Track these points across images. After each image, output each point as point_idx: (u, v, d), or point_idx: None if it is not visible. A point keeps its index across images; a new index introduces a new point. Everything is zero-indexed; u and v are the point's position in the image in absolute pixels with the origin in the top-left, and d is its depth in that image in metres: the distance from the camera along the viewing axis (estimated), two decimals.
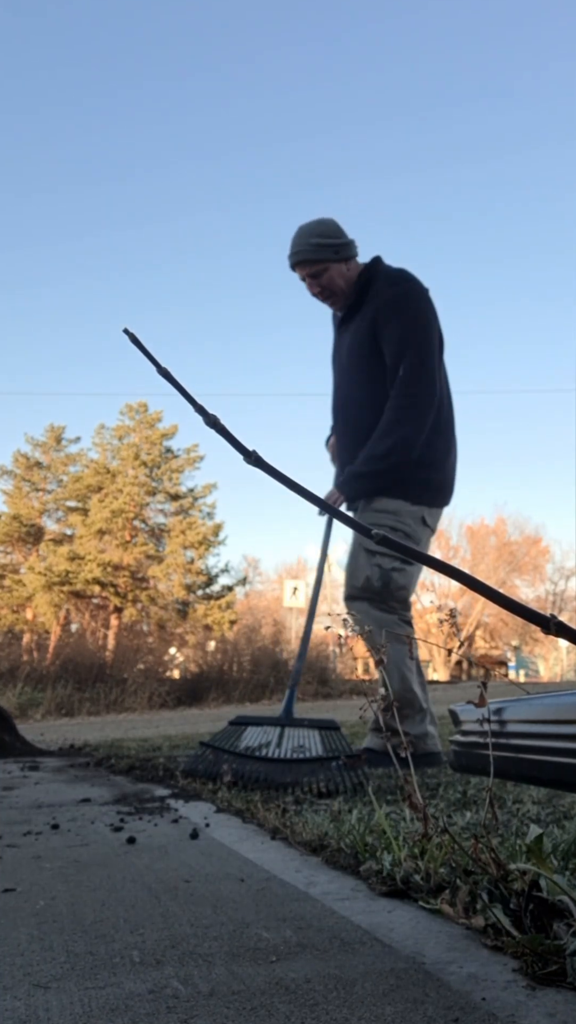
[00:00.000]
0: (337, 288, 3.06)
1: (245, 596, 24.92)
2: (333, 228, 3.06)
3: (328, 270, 3.03)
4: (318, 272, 3.04)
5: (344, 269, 3.05)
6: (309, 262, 3.03)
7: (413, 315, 2.94)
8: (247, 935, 0.98)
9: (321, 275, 3.04)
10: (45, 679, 12.68)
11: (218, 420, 0.81)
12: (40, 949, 0.95)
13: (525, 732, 0.89)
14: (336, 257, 3.02)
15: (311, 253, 3.01)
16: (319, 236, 3.03)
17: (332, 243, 3.02)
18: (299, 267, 3.07)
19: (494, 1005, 0.74)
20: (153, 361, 0.85)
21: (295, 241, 3.06)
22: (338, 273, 3.04)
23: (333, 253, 3.02)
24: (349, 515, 0.83)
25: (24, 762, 3.64)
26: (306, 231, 3.05)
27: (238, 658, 15.04)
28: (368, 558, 2.88)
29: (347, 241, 3.05)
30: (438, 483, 2.99)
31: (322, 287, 3.06)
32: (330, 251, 3.02)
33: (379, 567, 2.86)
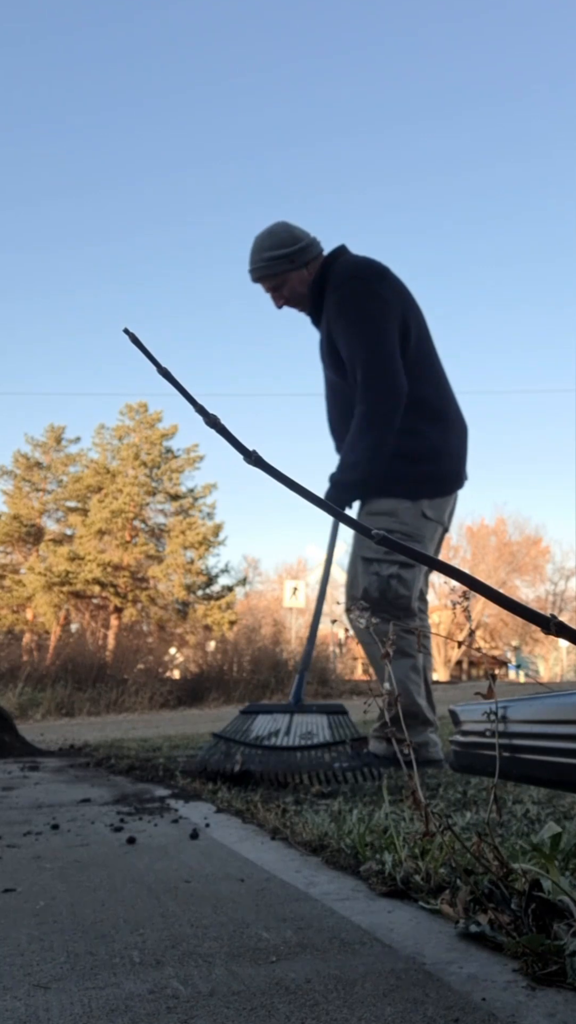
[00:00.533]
0: (299, 295, 3.00)
1: (245, 596, 24.95)
2: (285, 236, 2.97)
3: (287, 281, 2.97)
4: (278, 285, 2.99)
5: (305, 274, 2.98)
6: (266, 277, 2.98)
7: (358, 316, 2.83)
8: (247, 935, 0.98)
9: (282, 287, 2.99)
10: (45, 679, 12.68)
11: (218, 420, 0.81)
12: (40, 949, 0.95)
13: (526, 732, 0.89)
14: (292, 266, 2.95)
15: (266, 268, 2.96)
16: (271, 248, 2.96)
17: (285, 252, 2.94)
18: (259, 283, 3.02)
19: (494, 1005, 0.74)
20: (153, 361, 0.85)
21: (250, 257, 3.00)
22: (299, 280, 2.98)
23: (289, 263, 2.95)
24: (351, 516, 0.83)
25: (24, 762, 3.64)
26: (258, 245, 2.98)
27: (238, 658, 15.03)
28: (365, 567, 2.82)
29: (302, 246, 2.96)
30: (438, 474, 2.89)
31: (285, 298, 3.02)
32: (285, 262, 2.95)
33: (377, 575, 2.80)
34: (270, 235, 2.98)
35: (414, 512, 2.84)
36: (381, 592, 2.79)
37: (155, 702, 12.60)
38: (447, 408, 2.95)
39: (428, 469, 2.87)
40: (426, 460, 2.86)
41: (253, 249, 3.00)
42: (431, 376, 2.94)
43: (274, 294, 3.03)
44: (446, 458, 2.92)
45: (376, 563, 2.81)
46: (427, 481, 2.87)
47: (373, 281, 2.88)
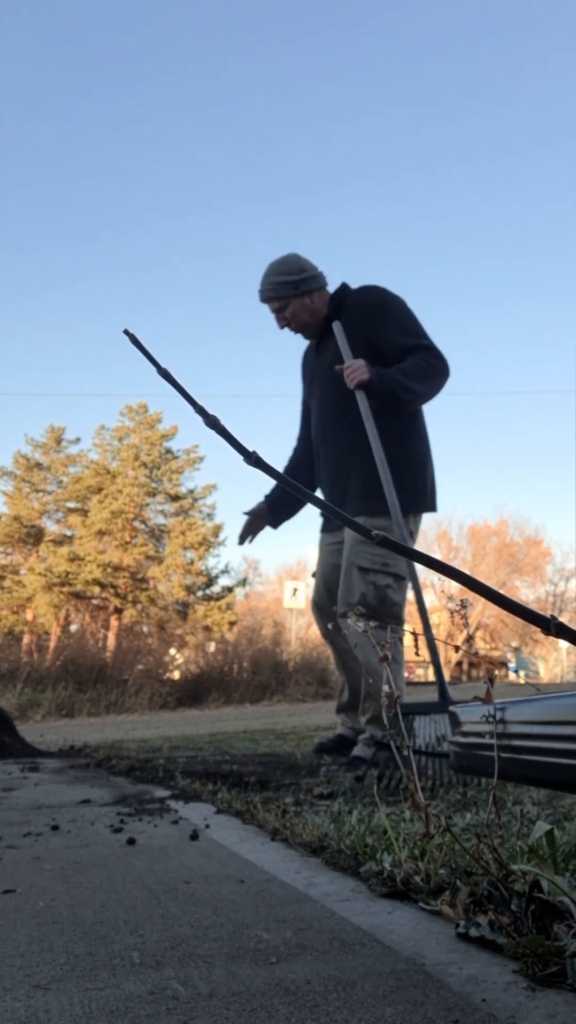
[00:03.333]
0: (301, 321, 3.26)
1: (245, 597, 24.95)
2: (293, 265, 3.25)
3: (289, 305, 3.24)
4: (281, 307, 3.25)
5: (308, 302, 3.24)
6: (272, 299, 3.25)
7: (402, 310, 3.12)
8: (247, 936, 0.98)
9: (284, 309, 3.25)
10: (45, 680, 12.68)
11: (218, 421, 0.81)
12: (40, 950, 0.95)
13: (526, 733, 0.89)
14: (295, 292, 3.22)
15: (271, 291, 3.24)
16: (279, 274, 3.23)
17: (291, 279, 3.21)
18: (266, 303, 3.30)
19: (494, 1006, 0.74)
20: (153, 362, 0.85)
21: (261, 281, 3.29)
22: (300, 307, 3.24)
23: (292, 289, 3.21)
24: (350, 517, 0.83)
25: (24, 763, 3.64)
26: (269, 270, 3.27)
27: (238, 659, 15.03)
28: (362, 576, 2.90)
29: (308, 276, 3.23)
30: (421, 487, 3.06)
31: (286, 320, 3.27)
32: (289, 288, 3.21)
33: (373, 584, 2.87)
34: (280, 263, 3.27)
35: (413, 527, 3.01)
36: (379, 600, 2.86)
37: (155, 703, 12.60)
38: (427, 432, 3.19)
39: (418, 480, 3.04)
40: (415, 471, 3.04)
41: (264, 274, 3.27)
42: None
43: (278, 315, 3.28)
44: (429, 475, 3.12)
45: (372, 573, 2.90)
46: (415, 492, 3.03)
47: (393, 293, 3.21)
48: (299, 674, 14.68)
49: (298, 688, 14.24)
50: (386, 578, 2.88)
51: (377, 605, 2.84)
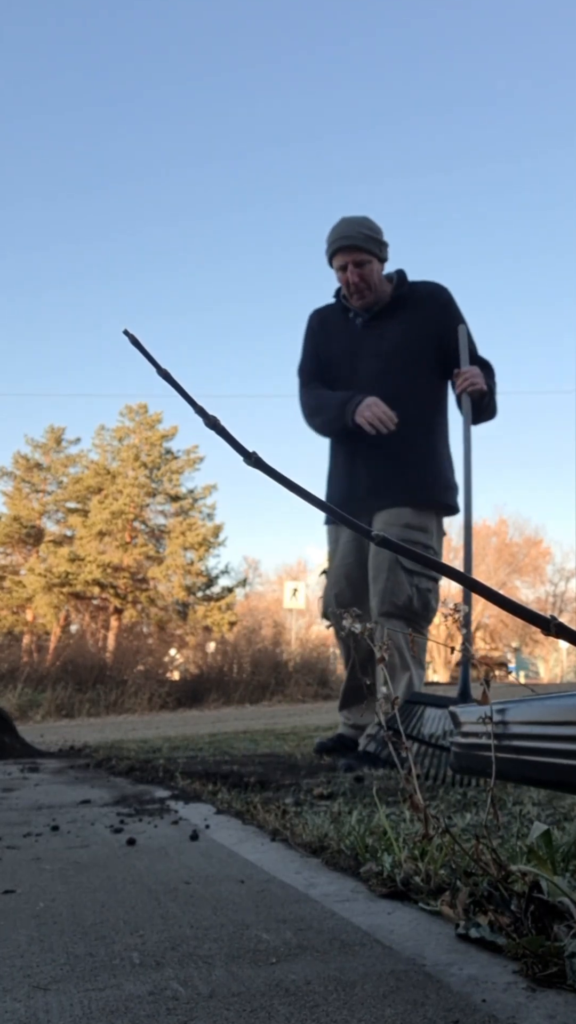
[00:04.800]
0: (372, 284, 3.11)
1: (245, 597, 24.95)
2: (379, 227, 3.16)
3: (371, 263, 3.09)
4: (362, 262, 3.07)
5: (381, 269, 3.14)
6: (357, 249, 3.06)
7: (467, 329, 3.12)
8: (247, 937, 0.98)
9: (364, 265, 3.07)
10: (45, 680, 12.68)
11: (218, 421, 0.81)
12: (40, 951, 0.95)
13: (526, 733, 0.89)
14: (379, 254, 3.11)
15: (361, 241, 3.06)
16: (370, 229, 3.10)
17: (379, 240, 3.12)
18: (345, 253, 3.07)
19: (494, 1007, 0.74)
20: (153, 362, 0.85)
21: (343, 227, 3.08)
22: (377, 270, 3.11)
23: (378, 249, 3.11)
24: (350, 517, 0.83)
25: (24, 763, 3.64)
26: (356, 221, 3.11)
27: (238, 660, 15.03)
28: (408, 577, 2.86)
29: (387, 243, 3.16)
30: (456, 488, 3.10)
31: (362, 277, 3.07)
32: (377, 246, 3.10)
33: (418, 588, 2.86)
34: (368, 219, 3.15)
35: (440, 531, 3.04)
36: (423, 605, 2.86)
37: (155, 703, 12.59)
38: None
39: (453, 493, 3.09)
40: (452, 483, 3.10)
41: (351, 223, 3.10)
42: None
43: (354, 269, 3.07)
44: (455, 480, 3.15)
45: (417, 576, 2.88)
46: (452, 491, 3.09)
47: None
48: (299, 674, 14.68)
49: (298, 688, 14.24)
50: (428, 581, 2.88)
51: (421, 609, 2.84)
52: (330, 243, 3.11)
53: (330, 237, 3.13)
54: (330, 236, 3.13)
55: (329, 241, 3.13)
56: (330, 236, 3.13)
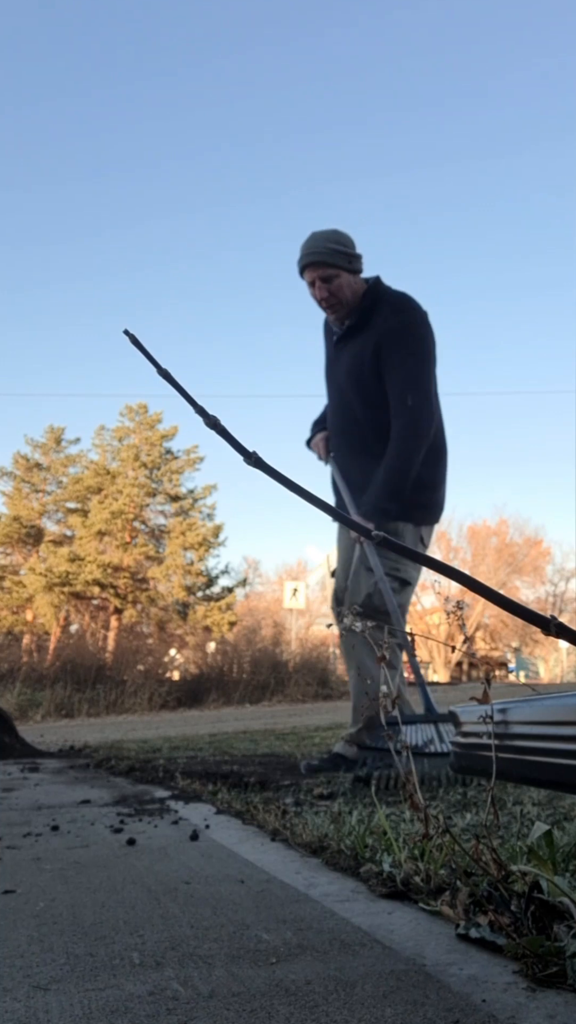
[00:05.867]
0: (344, 298, 3.07)
1: (245, 598, 24.94)
2: (348, 239, 3.10)
3: (339, 277, 3.04)
4: (329, 277, 3.04)
5: (352, 281, 3.07)
6: (323, 264, 3.03)
7: (419, 347, 3.00)
8: (247, 937, 0.98)
9: (332, 280, 3.04)
10: (45, 680, 12.69)
11: (218, 421, 0.81)
12: (40, 951, 0.95)
13: (526, 734, 0.89)
14: (349, 267, 3.05)
15: (327, 256, 3.02)
16: (335, 243, 3.05)
17: (347, 252, 3.05)
18: (312, 269, 3.06)
19: (494, 1007, 0.74)
20: (153, 362, 0.85)
21: (310, 243, 3.06)
22: (347, 283, 3.06)
23: (347, 262, 3.04)
24: (351, 518, 0.83)
25: (24, 763, 3.64)
26: (323, 236, 3.07)
27: (238, 660, 15.04)
28: (369, 576, 2.91)
29: (358, 255, 3.09)
30: (435, 502, 3.08)
31: (330, 292, 3.06)
32: (344, 259, 3.04)
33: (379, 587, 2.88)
34: (335, 232, 3.10)
35: (415, 536, 3.01)
36: (384, 603, 2.85)
37: (155, 703, 12.60)
38: (445, 447, 3.15)
39: (430, 497, 3.05)
40: (433, 489, 3.05)
41: (317, 238, 3.06)
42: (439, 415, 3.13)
43: (322, 285, 3.05)
44: (443, 491, 3.13)
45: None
46: (429, 508, 3.06)
47: (427, 321, 3.07)
48: (299, 674, 14.69)
49: (298, 688, 14.25)
50: (393, 582, 2.89)
51: (381, 607, 2.85)
52: (298, 260, 3.10)
53: (299, 254, 3.11)
54: (299, 253, 3.11)
55: (298, 258, 3.11)
56: (299, 253, 3.11)
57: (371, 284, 3.10)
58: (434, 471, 3.04)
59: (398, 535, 2.94)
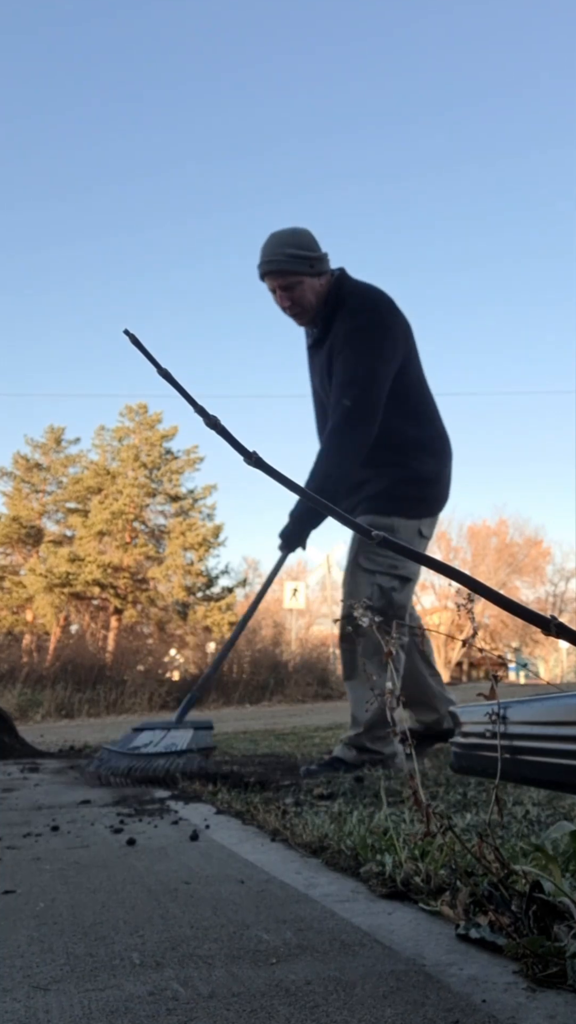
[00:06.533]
0: (307, 304, 2.92)
1: (245, 598, 24.86)
2: (308, 240, 2.91)
3: (301, 284, 2.89)
4: (291, 285, 2.89)
5: (317, 284, 2.91)
6: (282, 273, 2.87)
7: (364, 351, 2.84)
8: (247, 937, 0.98)
9: (293, 288, 2.89)
10: (45, 680, 12.68)
11: (218, 421, 0.81)
12: (40, 951, 0.95)
13: (527, 734, 0.89)
14: (311, 271, 2.88)
15: (285, 263, 2.85)
16: (295, 247, 2.86)
17: (308, 255, 2.87)
18: (270, 277, 2.91)
19: (494, 1007, 0.74)
20: (153, 362, 0.85)
21: (268, 249, 2.89)
22: (310, 288, 2.90)
23: (308, 266, 2.87)
24: (351, 518, 0.83)
25: (24, 763, 3.64)
26: (281, 239, 2.88)
27: (238, 660, 15.03)
28: (367, 577, 2.87)
29: (322, 255, 2.91)
30: (432, 497, 3.03)
31: (293, 301, 2.92)
32: (305, 264, 2.87)
33: (379, 587, 2.85)
34: (293, 234, 2.90)
35: (412, 530, 2.96)
36: (385, 602, 2.85)
37: (155, 703, 12.60)
38: (442, 437, 3.08)
39: (427, 492, 3.00)
40: (426, 483, 2.99)
41: (273, 243, 2.88)
42: (430, 408, 3.07)
43: (283, 293, 2.91)
44: (439, 483, 3.06)
45: (379, 575, 2.87)
46: (425, 502, 3.01)
47: (387, 317, 2.90)
48: (299, 674, 14.69)
49: (298, 689, 14.25)
50: (392, 580, 2.86)
51: (383, 607, 2.81)
52: (258, 265, 2.93)
53: (258, 258, 2.92)
54: (259, 257, 2.93)
55: (257, 263, 2.93)
56: (259, 257, 2.93)
57: (333, 284, 2.94)
58: (428, 465, 2.98)
59: (392, 531, 2.88)
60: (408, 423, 2.95)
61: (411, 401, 2.96)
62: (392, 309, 2.95)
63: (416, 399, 3.00)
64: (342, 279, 2.97)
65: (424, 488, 2.98)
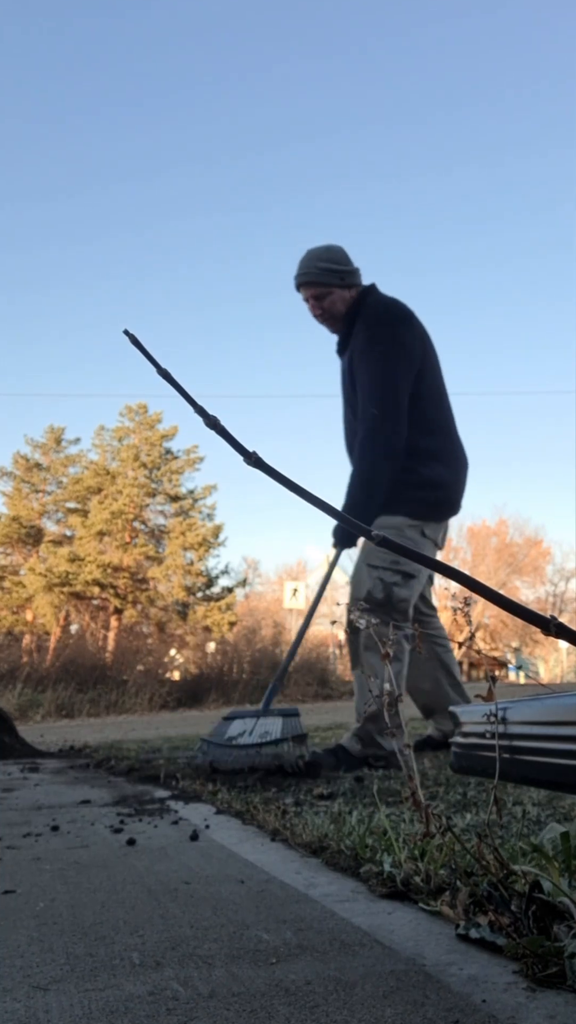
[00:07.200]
0: (337, 313, 3.19)
1: (245, 598, 24.94)
2: (341, 255, 3.19)
3: (332, 294, 3.16)
4: (322, 295, 3.16)
5: (347, 295, 3.17)
6: (315, 284, 3.15)
7: (381, 364, 3.03)
8: (247, 937, 0.98)
9: (324, 298, 3.16)
10: (45, 680, 12.67)
11: (218, 421, 0.81)
12: (40, 951, 0.95)
13: (526, 734, 0.89)
14: (341, 283, 3.15)
15: (318, 276, 3.14)
16: (327, 261, 3.15)
17: (339, 269, 3.15)
18: (304, 288, 3.19)
19: (494, 1007, 0.74)
20: (153, 362, 0.85)
21: (303, 263, 3.18)
22: (340, 299, 3.16)
23: (339, 279, 3.14)
24: (351, 518, 0.83)
25: (24, 763, 3.64)
26: (315, 255, 3.18)
27: (238, 660, 15.04)
28: (370, 572, 2.96)
29: (352, 269, 3.18)
30: (440, 502, 3.11)
31: (323, 310, 3.18)
32: (336, 276, 3.14)
33: (381, 580, 2.93)
34: (327, 250, 3.20)
35: (416, 531, 3.04)
36: (385, 595, 2.91)
37: (155, 703, 12.60)
38: (455, 448, 3.20)
39: (433, 496, 3.08)
40: (432, 488, 3.08)
41: (309, 257, 3.19)
42: (445, 418, 3.19)
43: (315, 303, 3.20)
44: (449, 489, 3.15)
45: (381, 570, 2.95)
46: (431, 506, 3.09)
47: (400, 328, 3.10)
48: (299, 674, 14.68)
49: (298, 688, 14.24)
50: (394, 575, 2.93)
51: (383, 600, 2.89)
52: (294, 277, 3.22)
53: (295, 271, 3.23)
54: (296, 270, 3.23)
55: (294, 275, 3.22)
56: (296, 270, 3.23)
57: (360, 294, 3.19)
58: (438, 472, 3.07)
59: (397, 530, 2.98)
60: (420, 433, 3.05)
61: (425, 411, 3.08)
62: (407, 323, 3.13)
63: (431, 409, 3.11)
64: (367, 292, 3.21)
65: (432, 492, 3.06)
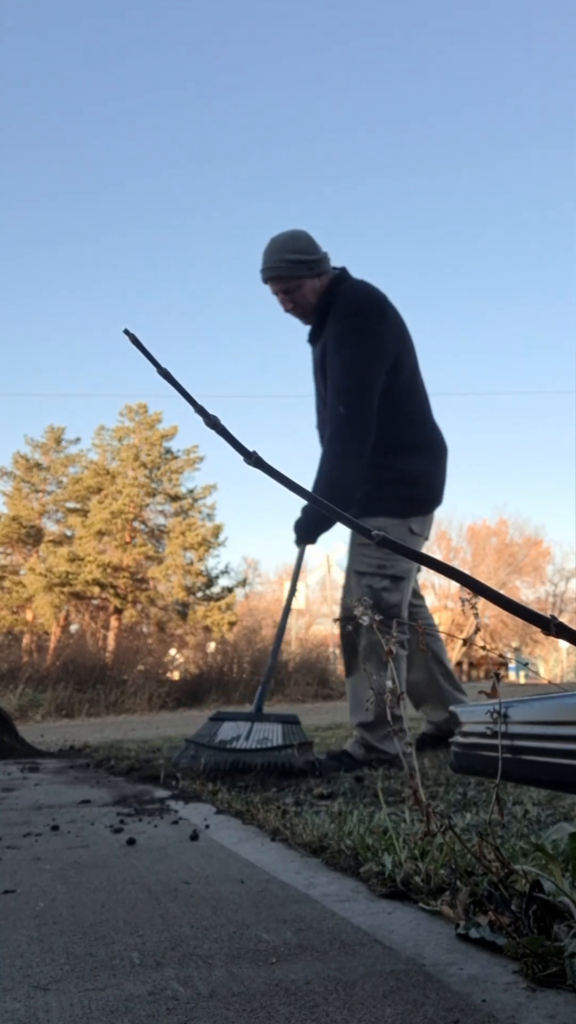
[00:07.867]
0: (308, 304, 3.02)
1: (245, 597, 24.95)
2: (307, 243, 3.00)
3: (302, 287, 2.98)
4: (291, 288, 2.98)
5: (317, 285, 3.00)
6: (283, 278, 2.97)
7: (352, 355, 2.88)
8: (247, 937, 0.98)
9: (294, 291, 2.99)
10: (45, 680, 12.67)
11: (218, 421, 0.81)
12: (40, 951, 0.95)
13: (527, 733, 0.89)
14: (310, 273, 2.97)
15: (285, 270, 2.96)
16: (293, 252, 2.96)
17: (307, 259, 2.96)
18: (272, 282, 3.02)
19: (494, 1007, 0.74)
20: (153, 362, 0.85)
21: (269, 255, 2.99)
22: (311, 290, 2.99)
23: (307, 270, 2.96)
24: (351, 518, 0.83)
25: (24, 763, 3.64)
26: (280, 245, 2.98)
27: (238, 659, 15.03)
28: (357, 580, 2.91)
29: (321, 256, 3.00)
30: (422, 496, 3.03)
31: (295, 303, 3.02)
32: (304, 267, 2.96)
33: (369, 587, 2.88)
34: (292, 239, 2.99)
35: (403, 529, 2.97)
36: (375, 603, 2.86)
37: (155, 703, 12.59)
38: (433, 437, 3.09)
39: (415, 492, 3.01)
40: (413, 484, 3.00)
41: (272, 249, 2.98)
42: (420, 408, 3.07)
43: (284, 297, 3.02)
44: (430, 482, 3.07)
45: (368, 576, 2.91)
46: (414, 501, 3.02)
47: (374, 318, 2.93)
48: (299, 674, 14.69)
49: (298, 688, 14.25)
50: (382, 580, 2.89)
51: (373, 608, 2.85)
52: (260, 270, 3.03)
53: (261, 263, 3.03)
54: (261, 262, 3.03)
55: (260, 267, 3.04)
56: (261, 262, 3.03)
57: (332, 281, 3.01)
58: (416, 465, 2.99)
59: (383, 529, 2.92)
60: (395, 425, 2.95)
61: (400, 402, 2.97)
62: (381, 311, 2.96)
63: (406, 401, 3.01)
64: (338, 279, 3.03)
65: (411, 488, 2.99)
